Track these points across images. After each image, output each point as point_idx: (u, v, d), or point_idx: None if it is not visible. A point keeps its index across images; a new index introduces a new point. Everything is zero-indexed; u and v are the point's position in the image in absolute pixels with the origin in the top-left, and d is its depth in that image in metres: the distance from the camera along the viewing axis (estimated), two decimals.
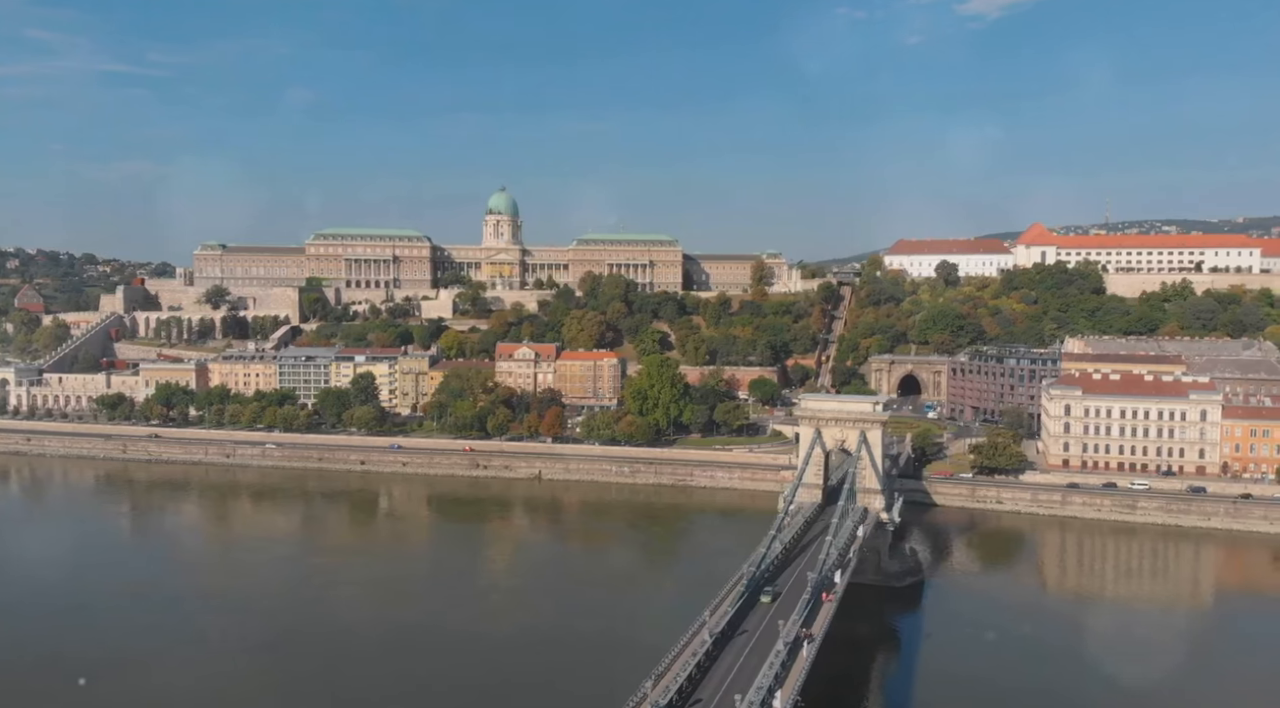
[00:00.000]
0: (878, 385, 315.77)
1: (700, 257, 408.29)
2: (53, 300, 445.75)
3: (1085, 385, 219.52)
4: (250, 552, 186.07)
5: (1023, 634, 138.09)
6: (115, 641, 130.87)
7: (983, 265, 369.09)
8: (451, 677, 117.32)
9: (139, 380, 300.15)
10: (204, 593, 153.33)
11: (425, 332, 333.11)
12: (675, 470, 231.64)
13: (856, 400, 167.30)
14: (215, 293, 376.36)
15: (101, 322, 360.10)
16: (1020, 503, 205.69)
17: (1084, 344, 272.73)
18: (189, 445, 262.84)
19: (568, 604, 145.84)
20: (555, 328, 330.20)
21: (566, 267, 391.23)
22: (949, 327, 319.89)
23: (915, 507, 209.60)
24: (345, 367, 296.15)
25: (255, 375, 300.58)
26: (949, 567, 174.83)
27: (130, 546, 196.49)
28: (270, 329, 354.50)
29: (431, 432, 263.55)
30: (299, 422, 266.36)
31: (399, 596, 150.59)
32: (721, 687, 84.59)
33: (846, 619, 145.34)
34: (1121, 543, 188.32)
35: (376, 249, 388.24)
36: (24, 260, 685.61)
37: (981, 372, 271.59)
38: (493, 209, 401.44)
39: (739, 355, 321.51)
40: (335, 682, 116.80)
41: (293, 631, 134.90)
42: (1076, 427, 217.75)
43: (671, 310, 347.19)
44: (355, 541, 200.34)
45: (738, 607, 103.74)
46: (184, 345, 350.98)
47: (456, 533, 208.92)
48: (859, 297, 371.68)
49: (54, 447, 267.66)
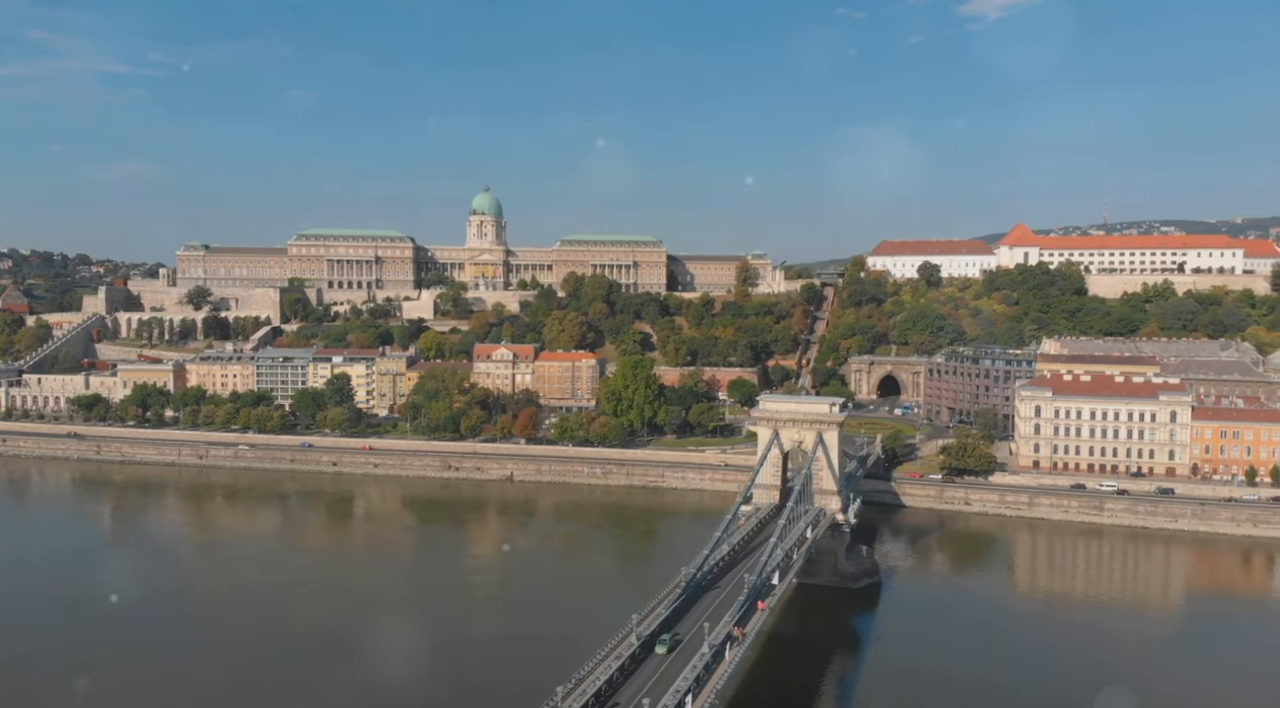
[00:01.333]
0: (857, 386, 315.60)
1: (685, 257, 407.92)
2: (43, 301, 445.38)
3: (1056, 386, 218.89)
4: (214, 557, 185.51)
5: (978, 634, 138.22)
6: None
7: (965, 266, 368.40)
8: (377, 683, 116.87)
9: (117, 381, 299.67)
10: (161, 596, 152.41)
11: (405, 332, 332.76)
12: (647, 472, 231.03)
13: (813, 402, 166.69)
14: (197, 294, 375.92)
15: (83, 323, 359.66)
16: (988, 505, 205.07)
17: (1060, 345, 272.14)
18: (162, 447, 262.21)
19: (518, 608, 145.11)
20: (536, 329, 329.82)
21: (550, 267, 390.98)
22: (929, 327, 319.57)
23: (884, 508, 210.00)
24: (323, 368, 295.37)
25: (233, 376, 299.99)
26: (909, 568, 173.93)
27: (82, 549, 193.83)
28: (251, 330, 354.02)
29: (405, 433, 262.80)
30: (273, 423, 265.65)
31: (349, 601, 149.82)
32: (641, 690, 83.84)
33: (802, 621, 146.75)
34: (1087, 544, 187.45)
35: (359, 250, 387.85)
36: (17, 260, 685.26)
37: (957, 373, 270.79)
38: (476, 210, 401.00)
39: (719, 356, 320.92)
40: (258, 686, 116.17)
41: (251, 636, 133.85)
42: (1047, 428, 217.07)
43: (653, 311, 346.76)
44: (312, 546, 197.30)
45: (672, 609, 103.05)
46: (165, 346, 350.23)
47: (422, 536, 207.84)
48: (841, 298, 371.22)
49: (28, 447, 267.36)
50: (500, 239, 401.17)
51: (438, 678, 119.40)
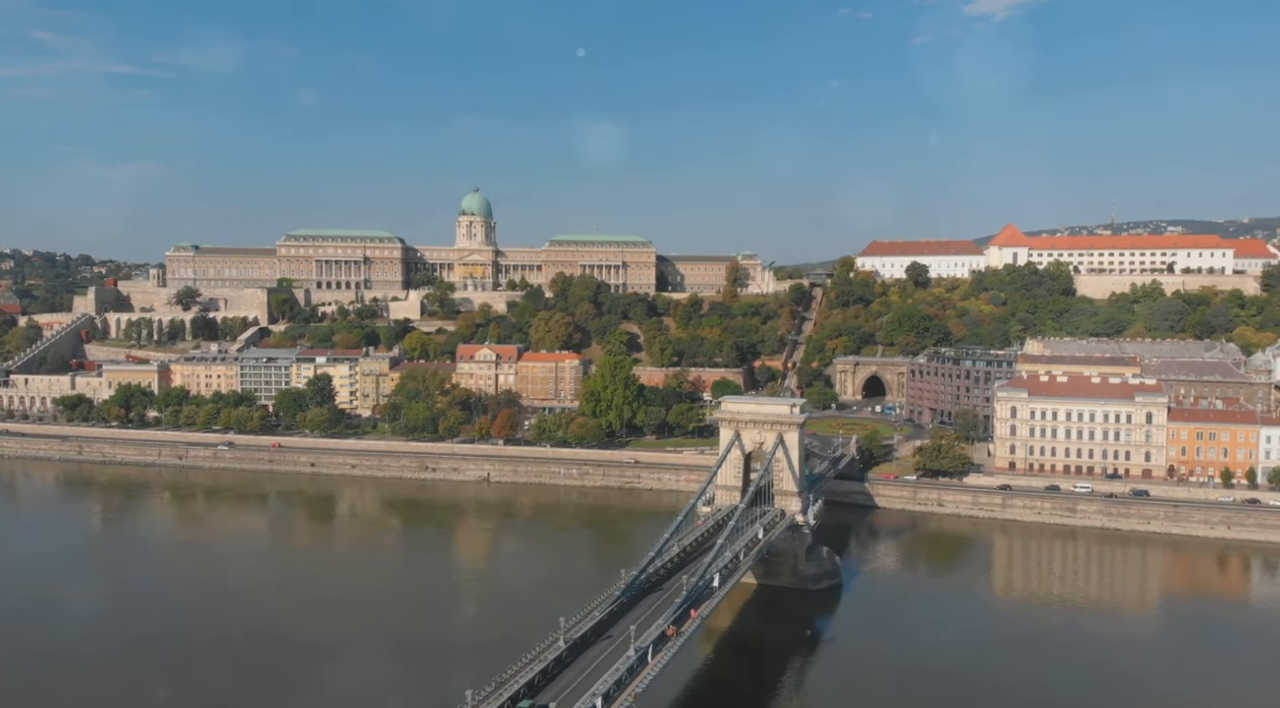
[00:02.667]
0: (842, 387, 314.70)
1: (675, 258, 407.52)
2: (42, 302, 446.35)
3: (1032, 387, 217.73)
4: (191, 558, 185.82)
5: (936, 634, 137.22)
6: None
7: (954, 267, 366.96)
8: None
9: (102, 382, 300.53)
10: (134, 599, 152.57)
11: (391, 333, 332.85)
12: (623, 472, 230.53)
13: (774, 403, 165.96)
14: (186, 294, 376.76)
15: (72, 323, 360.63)
16: (961, 506, 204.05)
17: (1043, 346, 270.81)
18: (143, 447, 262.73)
19: (460, 612, 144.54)
20: (523, 329, 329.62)
21: (540, 268, 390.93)
22: (915, 328, 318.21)
23: (856, 509, 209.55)
24: (306, 368, 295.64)
25: (217, 377, 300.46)
26: (873, 569, 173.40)
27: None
28: (239, 330, 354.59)
29: (384, 434, 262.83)
30: (252, 424, 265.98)
31: (290, 602, 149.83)
32: (563, 692, 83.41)
33: (759, 622, 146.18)
34: (1058, 545, 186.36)
35: (347, 250, 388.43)
36: (19, 261, 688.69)
37: (939, 373, 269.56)
38: (466, 210, 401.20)
39: (705, 357, 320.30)
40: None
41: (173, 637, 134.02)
42: (1022, 429, 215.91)
43: (641, 312, 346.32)
44: (271, 547, 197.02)
45: (609, 611, 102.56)
46: (153, 347, 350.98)
47: (385, 538, 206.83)
48: (829, 298, 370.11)
49: (11, 448, 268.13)
50: (490, 240, 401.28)
51: (342, 683, 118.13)
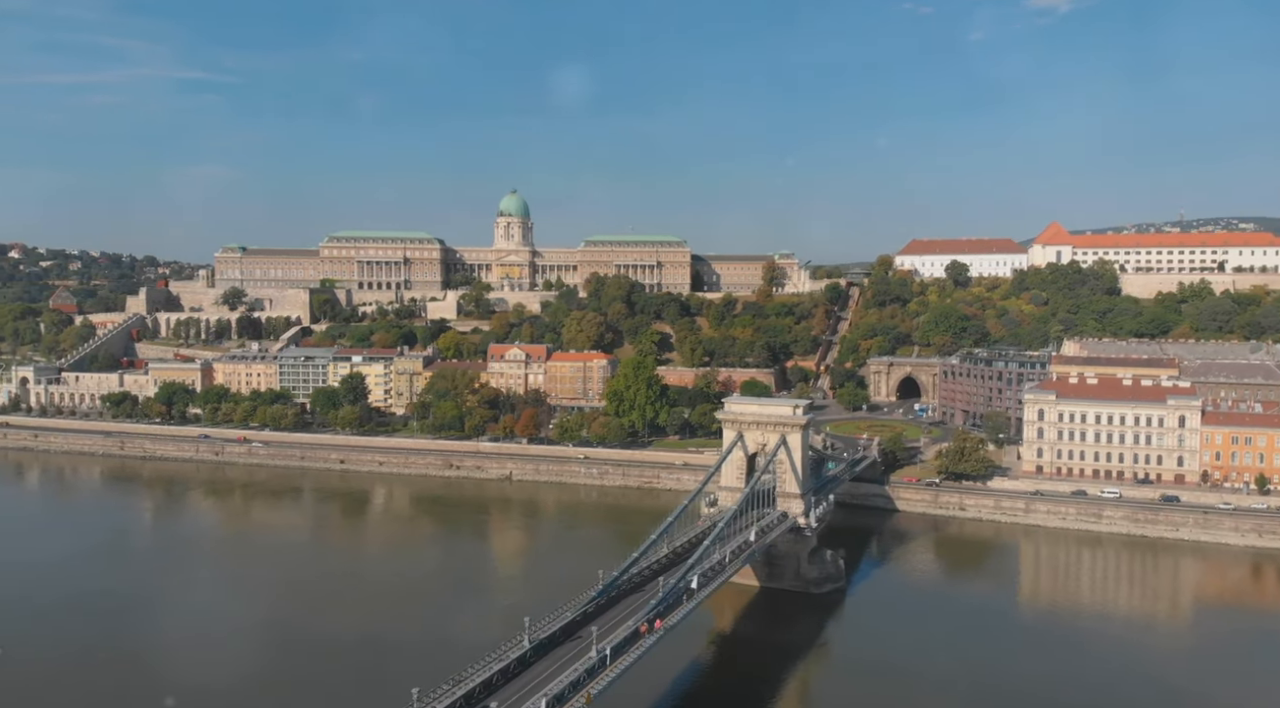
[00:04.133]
0: (876, 388, 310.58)
1: (711, 257, 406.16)
2: (98, 301, 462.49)
3: (1060, 389, 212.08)
4: (223, 556, 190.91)
5: (937, 637, 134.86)
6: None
7: (996, 266, 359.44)
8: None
9: (148, 379, 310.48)
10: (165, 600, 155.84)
11: (427, 332, 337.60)
12: (643, 473, 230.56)
13: (777, 403, 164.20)
14: (232, 294, 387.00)
15: (124, 323, 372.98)
16: (983, 510, 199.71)
17: (1079, 347, 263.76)
18: (181, 443, 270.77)
19: (445, 609, 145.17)
20: (556, 329, 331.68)
21: (575, 268, 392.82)
22: (952, 328, 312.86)
23: (876, 512, 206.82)
24: (343, 367, 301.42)
25: (257, 375, 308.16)
26: (888, 572, 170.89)
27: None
28: (282, 330, 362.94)
29: (413, 432, 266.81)
30: (286, 421, 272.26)
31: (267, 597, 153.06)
32: (520, 692, 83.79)
33: (760, 624, 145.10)
34: (1079, 552, 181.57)
35: (388, 251, 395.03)
36: (86, 262, 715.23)
37: (971, 375, 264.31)
38: (504, 211, 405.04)
39: (736, 357, 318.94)
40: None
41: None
42: (1050, 432, 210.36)
43: (674, 311, 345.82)
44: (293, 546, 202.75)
45: (582, 611, 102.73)
46: (200, 346, 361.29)
47: (398, 534, 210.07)
48: (865, 298, 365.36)
49: (58, 443, 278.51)
50: (527, 240, 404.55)
51: (309, 681, 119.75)
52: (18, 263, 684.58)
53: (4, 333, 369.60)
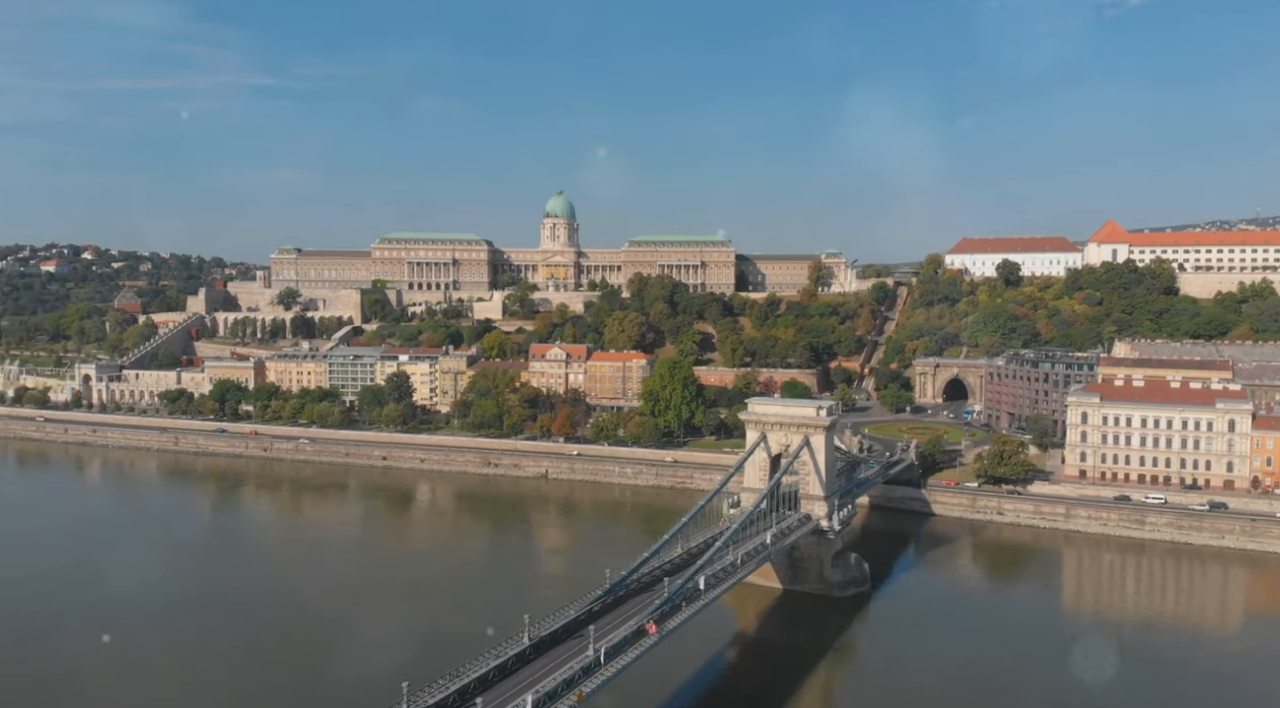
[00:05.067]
0: (922, 390, 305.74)
1: (756, 257, 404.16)
2: (162, 302, 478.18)
3: (1104, 392, 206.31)
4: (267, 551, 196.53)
5: (967, 645, 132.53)
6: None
7: (1049, 265, 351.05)
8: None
9: (204, 377, 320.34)
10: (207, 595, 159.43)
11: (473, 332, 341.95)
12: (676, 472, 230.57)
13: (800, 405, 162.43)
14: (287, 295, 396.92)
15: (183, 322, 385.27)
16: (1022, 515, 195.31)
17: (1130, 348, 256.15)
18: (232, 439, 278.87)
19: (456, 605, 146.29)
20: (598, 329, 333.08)
21: (619, 268, 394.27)
22: (1001, 328, 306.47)
23: (912, 516, 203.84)
24: (389, 365, 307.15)
25: (307, 374, 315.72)
26: (918, 576, 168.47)
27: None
28: (334, 329, 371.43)
29: (454, 430, 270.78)
30: (333, 418, 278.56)
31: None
32: (512, 689, 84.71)
33: (781, 627, 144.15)
34: (1128, 559, 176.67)
35: (437, 252, 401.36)
36: (156, 264, 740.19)
37: (1017, 376, 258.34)
38: (550, 212, 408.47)
39: (778, 357, 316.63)
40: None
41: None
42: (1094, 436, 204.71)
43: (716, 311, 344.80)
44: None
45: (587, 609, 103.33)
46: (256, 344, 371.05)
47: (431, 530, 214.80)
48: (913, 297, 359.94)
49: (115, 438, 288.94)
50: (572, 241, 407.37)
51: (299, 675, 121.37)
52: (91, 264, 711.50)
53: (70, 331, 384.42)
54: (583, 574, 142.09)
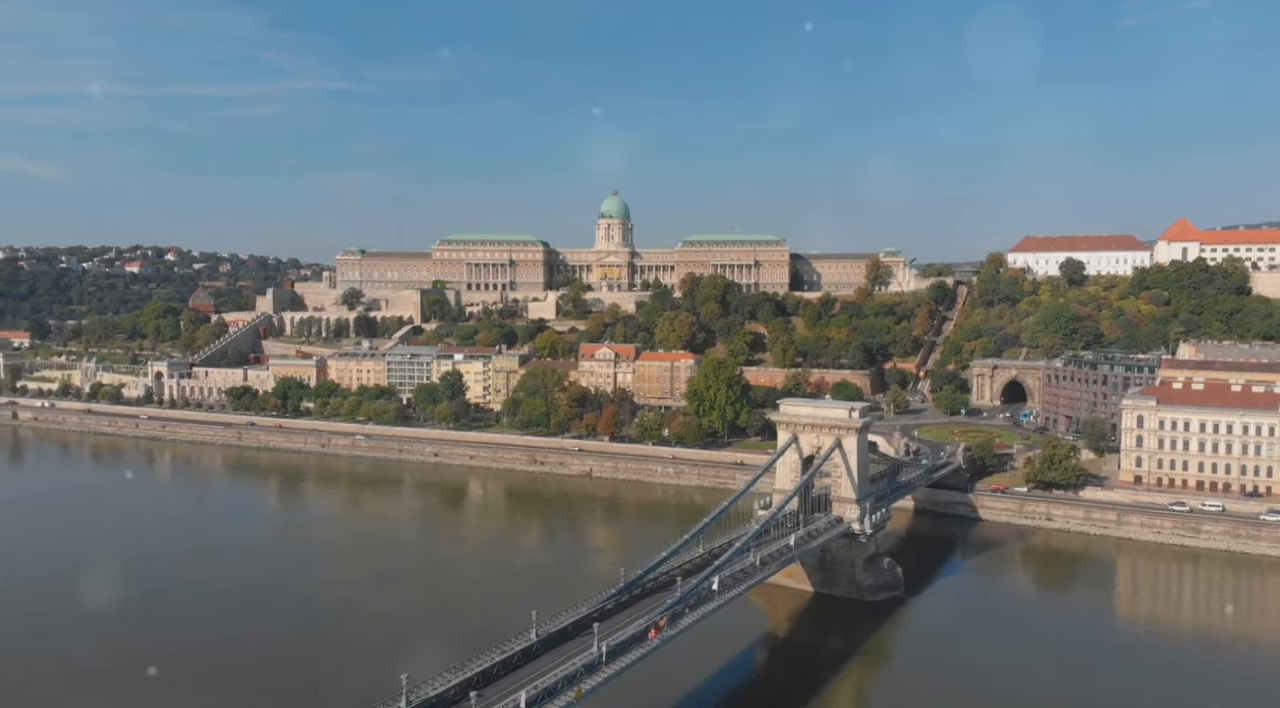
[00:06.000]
0: (979, 392, 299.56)
1: (812, 256, 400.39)
2: (234, 301, 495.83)
3: (1161, 395, 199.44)
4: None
5: (1006, 654, 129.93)
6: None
7: (1115, 263, 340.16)
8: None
9: (268, 375, 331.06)
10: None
11: (527, 331, 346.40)
12: (719, 473, 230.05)
13: (832, 406, 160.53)
14: (351, 295, 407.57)
15: (252, 321, 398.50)
16: (1072, 521, 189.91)
17: (1195, 349, 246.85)
18: (292, 435, 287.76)
19: (469, 603, 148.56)
20: (649, 329, 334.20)
21: (673, 268, 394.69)
22: (1062, 329, 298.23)
23: (957, 521, 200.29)
24: (445, 364, 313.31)
25: (367, 372, 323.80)
26: (954, 583, 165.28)
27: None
28: (395, 329, 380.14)
29: (504, 428, 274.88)
30: (388, 415, 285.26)
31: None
32: (513, 684, 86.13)
33: (811, 630, 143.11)
34: (1183, 568, 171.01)
35: (494, 253, 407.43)
36: (235, 264, 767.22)
37: (1075, 378, 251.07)
38: (605, 213, 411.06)
39: (830, 358, 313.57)
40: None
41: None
42: (1150, 440, 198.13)
43: (768, 311, 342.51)
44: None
45: (600, 608, 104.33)
46: (320, 343, 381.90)
47: (497, 528, 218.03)
48: (972, 297, 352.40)
49: (183, 433, 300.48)
50: (627, 241, 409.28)
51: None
52: (173, 265, 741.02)
53: (146, 330, 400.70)
54: (613, 573, 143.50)
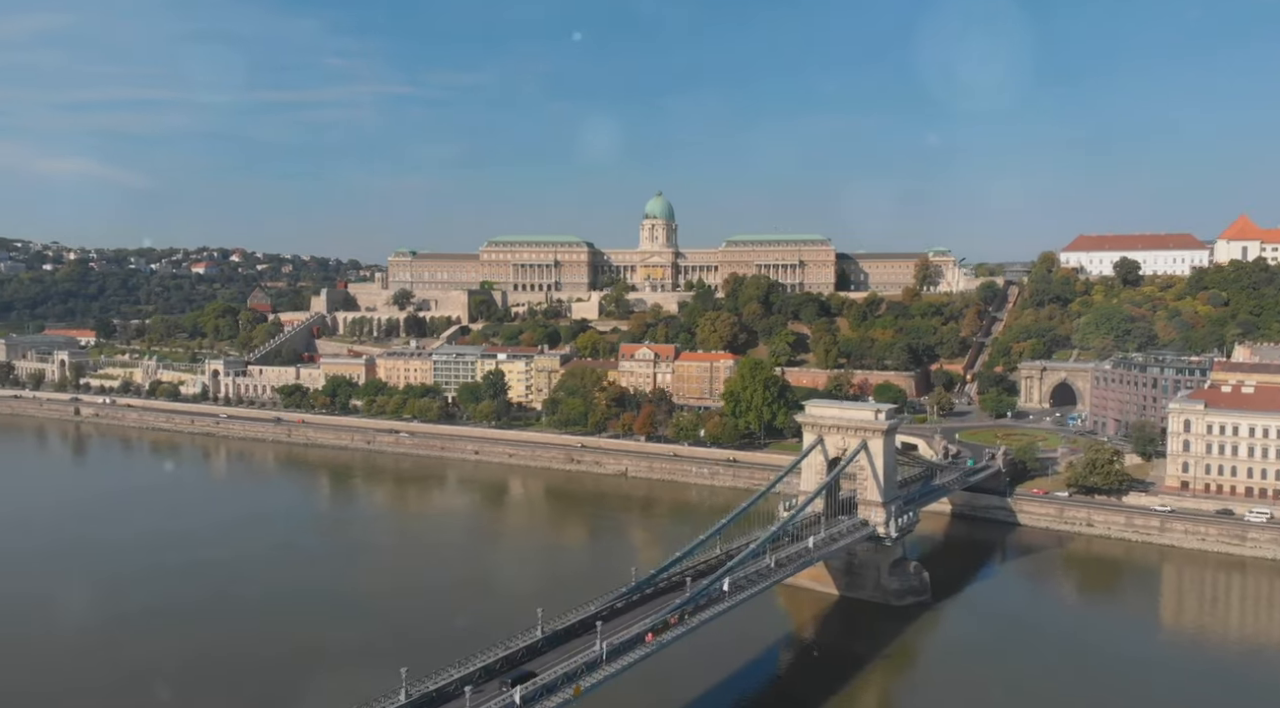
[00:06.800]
0: (1028, 394, 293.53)
1: (859, 256, 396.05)
2: (294, 302, 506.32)
3: (1209, 399, 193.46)
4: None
5: (1024, 665, 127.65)
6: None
7: (1172, 263, 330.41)
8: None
9: (320, 373, 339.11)
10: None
11: (570, 331, 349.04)
12: (753, 474, 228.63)
13: (858, 407, 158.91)
14: (401, 295, 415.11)
15: (306, 321, 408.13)
16: (1112, 527, 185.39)
17: (1250, 352, 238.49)
18: (339, 432, 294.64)
19: (491, 601, 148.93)
20: (691, 329, 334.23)
21: (716, 268, 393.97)
22: (1114, 330, 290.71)
23: (995, 525, 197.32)
24: (488, 363, 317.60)
25: (414, 370, 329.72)
26: (981, 589, 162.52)
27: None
28: (443, 329, 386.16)
29: (543, 427, 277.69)
30: (431, 413, 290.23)
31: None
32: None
33: (836, 633, 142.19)
34: (1231, 577, 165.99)
35: (540, 254, 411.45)
36: (296, 265, 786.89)
37: (1124, 381, 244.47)
38: (649, 213, 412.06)
39: (874, 359, 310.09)
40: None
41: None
42: (1197, 445, 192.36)
43: (811, 312, 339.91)
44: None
45: (609, 606, 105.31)
46: (371, 343, 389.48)
47: (538, 527, 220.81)
48: (1023, 297, 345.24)
49: (236, 430, 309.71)
50: (671, 241, 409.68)
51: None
52: (237, 266, 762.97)
53: (206, 329, 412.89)
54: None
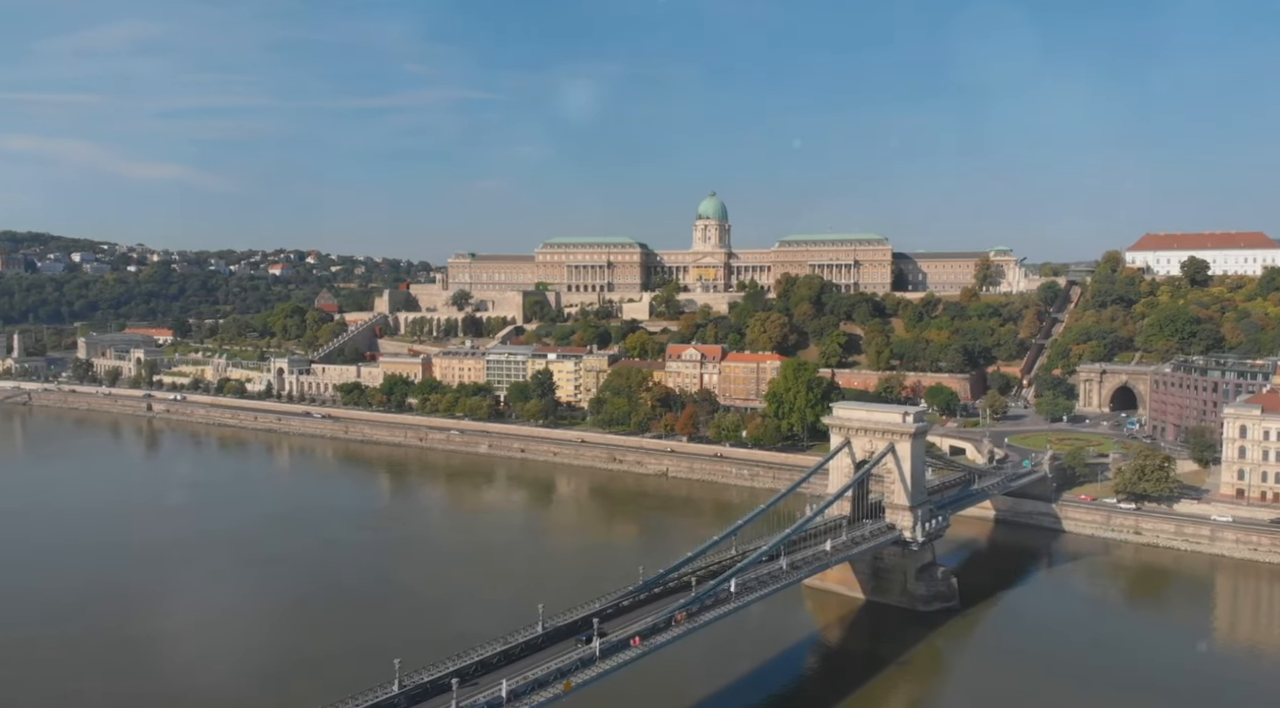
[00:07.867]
0: (1086, 398, 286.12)
1: (917, 255, 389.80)
2: (358, 303, 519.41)
3: (1267, 404, 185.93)
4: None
5: (1049, 676, 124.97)
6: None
7: (1243, 263, 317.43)
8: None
9: (379, 372, 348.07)
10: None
11: (620, 332, 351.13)
12: (792, 476, 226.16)
13: (886, 410, 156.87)
14: (460, 296, 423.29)
15: (368, 320, 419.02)
16: (1161, 535, 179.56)
17: None
18: (393, 429, 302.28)
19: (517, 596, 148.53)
20: (740, 329, 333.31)
21: (769, 269, 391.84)
22: (1179, 332, 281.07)
23: (1039, 531, 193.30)
24: (539, 363, 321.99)
25: (468, 370, 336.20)
26: (1016, 595, 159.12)
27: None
28: (499, 329, 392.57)
29: (588, 426, 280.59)
30: (482, 412, 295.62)
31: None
32: (510, 674, 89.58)
33: (861, 638, 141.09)
34: (1260, 586, 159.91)
35: (593, 256, 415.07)
36: (369, 267, 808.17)
37: (1184, 385, 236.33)
38: (702, 214, 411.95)
39: (928, 361, 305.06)
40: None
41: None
42: (1254, 452, 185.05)
43: (865, 312, 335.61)
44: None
45: (615, 605, 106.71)
46: (430, 342, 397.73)
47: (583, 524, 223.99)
48: (1085, 298, 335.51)
49: (295, 426, 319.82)
50: (723, 242, 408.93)
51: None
52: (312, 267, 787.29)
53: (275, 328, 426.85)
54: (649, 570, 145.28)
